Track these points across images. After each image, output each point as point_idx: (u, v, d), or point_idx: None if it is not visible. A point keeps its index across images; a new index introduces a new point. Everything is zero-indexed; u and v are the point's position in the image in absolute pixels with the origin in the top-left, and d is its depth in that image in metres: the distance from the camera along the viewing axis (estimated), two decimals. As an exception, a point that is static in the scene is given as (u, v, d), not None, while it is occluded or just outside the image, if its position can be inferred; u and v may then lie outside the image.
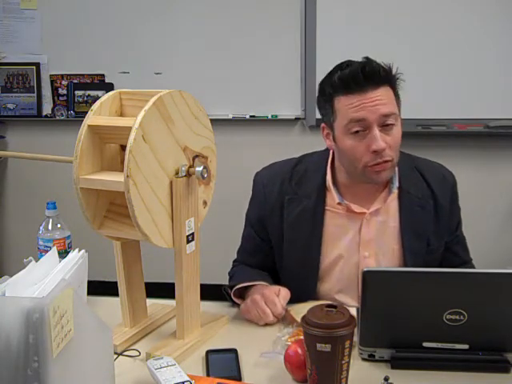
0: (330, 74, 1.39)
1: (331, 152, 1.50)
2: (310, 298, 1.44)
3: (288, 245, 1.50)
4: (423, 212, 1.47)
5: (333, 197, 1.47)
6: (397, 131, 1.37)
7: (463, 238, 1.58)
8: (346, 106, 1.35)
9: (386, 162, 1.37)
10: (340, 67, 1.38)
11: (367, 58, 1.38)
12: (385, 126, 1.35)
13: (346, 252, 1.48)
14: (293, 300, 1.38)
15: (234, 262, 1.62)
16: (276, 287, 1.40)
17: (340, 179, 1.48)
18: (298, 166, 1.53)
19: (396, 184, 1.46)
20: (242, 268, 1.57)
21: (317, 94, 1.45)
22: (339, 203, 1.46)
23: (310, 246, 1.48)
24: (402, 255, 1.46)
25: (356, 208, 1.46)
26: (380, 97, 1.34)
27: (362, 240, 1.47)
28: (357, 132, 1.35)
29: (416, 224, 1.46)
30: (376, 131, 1.34)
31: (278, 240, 1.51)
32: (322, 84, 1.42)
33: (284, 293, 1.37)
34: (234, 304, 1.46)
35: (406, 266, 1.45)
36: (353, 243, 1.47)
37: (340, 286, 1.49)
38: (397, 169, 1.47)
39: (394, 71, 1.39)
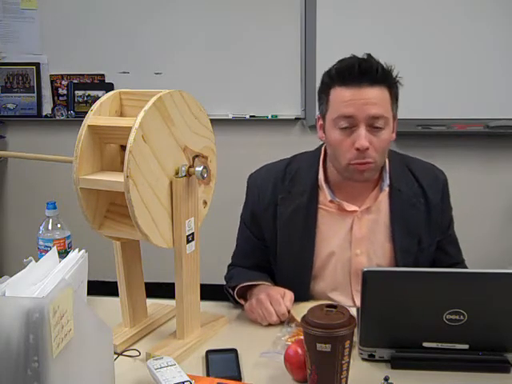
0: (333, 65, 1.41)
1: (323, 150, 1.51)
2: (304, 296, 1.45)
3: (282, 244, 1.50)
4: (414, 210, 1.47)
5: (325, 195, 1.48)
6: (385, 135, 1.37)
7: (455, 238, 1.58)
8: (339, 98, 1.37)
9: (369, 163, 1.37)
10: (341, 60, 1.40)
11: (368, 55, 1.38)
12: (373, 127, 1.35)
13: (338, 250, 1.48)
14: None
15: (229, 266, 1.62)
16: (281, 289, 1.40)
17: (332, 177, 1.49)
18: (291, 166, 1.53)
19: (387, 182, 1.47)
20: (240, 270, 1.57)
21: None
22: (331, 201, 1.47)
23: (303, 245, 1.48)
24: (393, 253, 1.47)
25: (347, 206, 1.47)
26: (373, 97, 1.34)
27: (353, 238, 1.47)
28: (345, 127, 1.36)
29: (407, 222, 1.47)
30: (362, 130, 1.35)
31: (272, 239, 1.52)
32: (323, 74, 1.44)
33: (289, 295, 1.38)
34: (237, 304, 1.45)
35: (397, 263, 1.46)
36: (345, 241, 1.48)
37: (334, 285, 1.50)
38: (388, 167, 1.48)
39: (394, 74, 1.39)
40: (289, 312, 1.36)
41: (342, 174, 1.44)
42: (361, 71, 1.34)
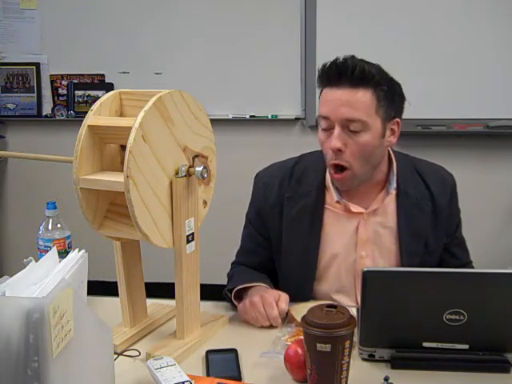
0: None
1: None
2: (308, 297, 1.44)
3: (287, 243, 1.50)
4: (421, 213, 1.47)
5: (332, 195, 1.47)
6: (364, 139, 1.35)
7: (463, 240, 1.58)
8: (322, 99, 1.39)
9: (344, 169, 1.37)
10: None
11: (351, 56, 1.37)
12: (349, 129, 1.35)
13: (343, 251, 1.48)
14: (291, 300, 1.38)
15: (233, 263, 1.62)
16: (276, 292, 1.39)
17: None
18: (298, 165, 1.53)
19: (393, 185, 1.46)
20: (241, 269, 1.57)
21: None
22: (337, 202, 1.47)
23: (308, 244, 1.48)
24: (399, 256, 1.46)
25: (354, 208, 1.46)
26: (350, 99, 1.32)
27: (359, 240, 1.47)
28: (325, 127, 1.38)
29: (414, 225, 1.46)
30: (336, 130, 1.35)
31: (278, 238, 1.51)
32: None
33: (284, 297, 1.36)
34: (234, 307, 1.45)
35: (402, 266, 1.45)
36: (350, 243, 1.48)
37: (338, 286, 1.50)
38: (395, 169, 1.47)
39: (386, 75, 1.36)
40: (286, 314, 1.35)
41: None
42: (337, 72, 1.34)
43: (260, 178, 1.57)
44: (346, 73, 1.33)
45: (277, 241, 1.52)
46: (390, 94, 1.36)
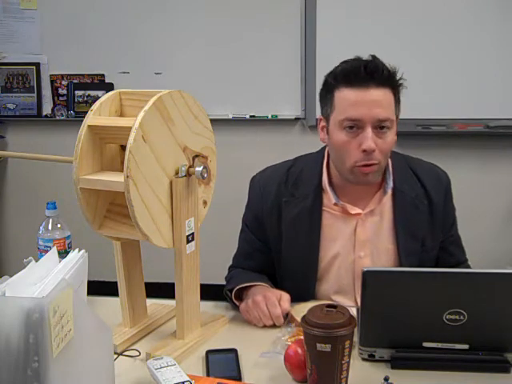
0: (336, 66, 1.40)
1: (326, 153, 1.50)
2: (308, 298, 1.44)
3: (286, 246, 1.50)
4: (417, 211, 1.47)
5: (329, 197, 1.47)
6: (390, 136, 1.37)
7: (458, 238, 1.58)
8: (345, 100, 1.35)
9: (374, 164, 1.37)
10: (346, 61, 1.39)
11: (373, 57, 1.38)
12: (379, 129, 1.35)
13: (342, 252, 1.48)
14: (292, 301, 1.38)
15: (230, 267, 1.61)
16: (277, 291, 1.39)
17: (335, 180, 1.48)
18: (293, 168, 1.53)
19: (390, 184, 1.46)
20: (240, 271, 1.56)
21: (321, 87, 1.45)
22: (335, 204, 1.47)
23: (308, 247, 1.48)
24: (397, 255, 1.46)
25: (351, 209, 1.46)
26: (380, 99, 1.34)
27: (357, 240, 1.47)
28: (351, 128, 1.36)
29: (410, 223, 1.46)
30: (369, 131, 1.34)
31: (277, 242, 1.51)
32: (326, 76, 1.42)
33: (286, 297, 1.37)
34: (235, 306, 1.45)
35: (401, 265, 1.45)
36: (348, 244, 1.48)
37: (337, 287, 1.50)
38: (391, 169, 1.47)
39: (398, 76, 1.39)
40: (287, 314, 1.35)
41: (347, 177, 1.42)
42: (367, 72, 1.33)
43: (256, 181, 1.56)
44: (377, 73, 1.33)
45: (276, 244, 1.52)
46: (399, 94, 1.40)
